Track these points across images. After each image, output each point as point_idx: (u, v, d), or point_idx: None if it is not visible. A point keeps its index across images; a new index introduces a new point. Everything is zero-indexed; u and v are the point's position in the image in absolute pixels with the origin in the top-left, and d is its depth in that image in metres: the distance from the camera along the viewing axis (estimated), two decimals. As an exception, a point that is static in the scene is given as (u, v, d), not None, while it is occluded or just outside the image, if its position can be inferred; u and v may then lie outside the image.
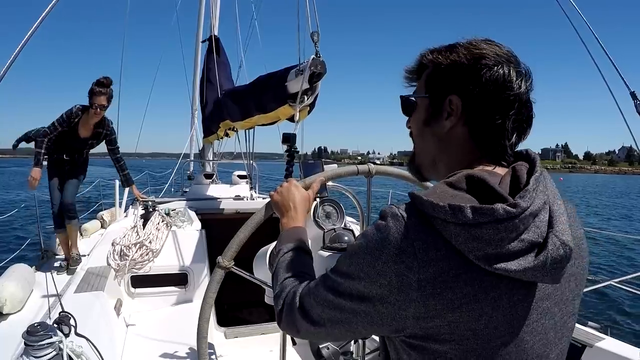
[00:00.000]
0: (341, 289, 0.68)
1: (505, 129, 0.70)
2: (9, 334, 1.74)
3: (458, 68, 0.71)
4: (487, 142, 0.72)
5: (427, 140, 0.78)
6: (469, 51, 0.71)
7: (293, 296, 0.78)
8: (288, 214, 1.05)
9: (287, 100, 2.85)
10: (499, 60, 0.69)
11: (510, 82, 0.69)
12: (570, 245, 0.61)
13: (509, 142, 0.71)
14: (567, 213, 0.69)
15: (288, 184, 1.11)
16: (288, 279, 0.86)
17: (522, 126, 0.72)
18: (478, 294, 0.60)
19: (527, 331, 0.64)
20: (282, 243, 0.97)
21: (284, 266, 0.90)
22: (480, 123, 0.71)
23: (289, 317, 0.78)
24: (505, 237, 0.59)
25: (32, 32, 1.50)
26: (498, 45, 0.72)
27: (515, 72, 0.70)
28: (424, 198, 0.62)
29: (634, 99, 2.15)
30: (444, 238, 0.61)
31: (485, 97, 0.69)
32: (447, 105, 0.72)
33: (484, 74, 0.69)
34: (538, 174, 0.66)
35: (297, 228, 1.02)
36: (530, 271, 0.59)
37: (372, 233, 0.65)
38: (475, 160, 0.73)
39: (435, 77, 0.75)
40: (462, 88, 0.71)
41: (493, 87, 0.69)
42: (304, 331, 0.77)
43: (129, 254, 2.78)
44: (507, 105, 0.69)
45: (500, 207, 0.59)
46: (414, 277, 0.61)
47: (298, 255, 0.93)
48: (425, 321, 0.62)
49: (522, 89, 0.70)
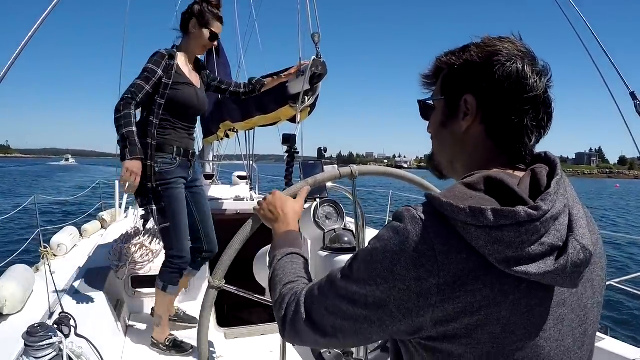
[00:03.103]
0: (356, 297, 0.66)
1: (523, 125, 0.69)
2: (9, 335, 1.74)
3: (471, 67, 0.71)
4: (505, 139, 0.71)
5: (445, 141, 0.78)
6: (481, 49, 0.70)
7: (297, 306, 0.76)
8: (278, 220, 1.04)
9: (287, 101, 2.85)
10: (512, 56, 0.68)
11: (525, 77, 0.68)
12: (590, 249, 0.60)
13: (528, 139, 0.70)
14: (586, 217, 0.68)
15: (272, 194, 1.10)
16: (287, 286, 0.83)
17: (540, 123, 0.71)
18: (497, 298, 0.60)
19: (543, 337, 0.63)
20: (275, 249, 0.95)
21: (281, 273, 0.88)
22: (496, 121, 0.70)
23: (293, 327, 0.76)
24: (526, 240, 0.57)
25: (33, 32, 1.50)
26: (512, 42, 0.70)
27: (530, 68, 0.68)
28: (444, 200, 0.61)
29: (633, 99, 2.15)
30: (465, 241, 0.59)
31: (499, 94, 0.68)
32: (463, 105, 0.72)
33: (496, 71, 0.68)
34: (559, 177, 0.65)
35: (290, 232, 1.00)
36: (550, 275, 0.58)
37: (390, 236, 0.63)
38: (493, 161, 0.72)
39: (449, 78, 0.75)
40: (475, 86, 0.70)
41: (507, 84, 0.68)
42: (312, 342, 0.74)
43: (129, 254, 2.78)
44: (523, 102, 0.68)
45: (522, 209, 0.58)
46: (434, 281, 0.60)
47: (294, 261, 0.91)
48: (443, 325, 0.61)
49: (538, 84, 0.68)
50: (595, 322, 0.71)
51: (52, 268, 2.62)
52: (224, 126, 4.33)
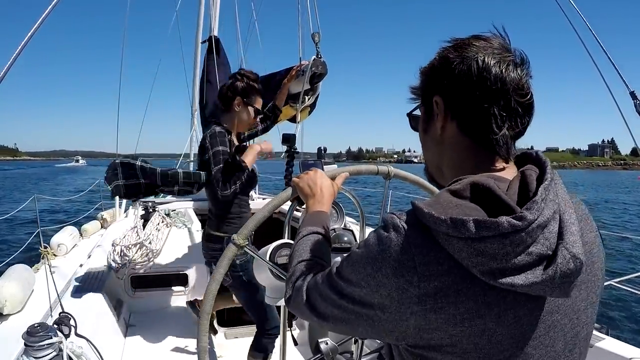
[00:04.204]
0: (344, 292, 0.68)
1: (490, 114, 0.67)
2: (9, 335, 1.74)
3: (434, 69, 0.74)
4: (477, 131, 0.70)
5: (429, 147, 0.79)
6: (442, 50, 0.73)
7: (301, 285, 0.80)
8: (315, 197, 1.05)
9: (288, 100, 2.85)
10: (474, 51, 0.68)
11: (486, 69, 0.67)
12: (581, 258, 0.57)
13: (498, 128, 0.68)
14: (579, 217, 0.66)
15: (314, 171, 1.11)
16: (300, 264, 0.87)
17: (513, 113, 0.68)
18: (481, 310, 0.59)
19: (532, 345, 0.62)
20: (304, 225, 0.98)
21: (301, 249, 0.91)
22: (463, 114, 0.70)
23: (296, 303, 0.81)
24: (510, 251, 0.56)
25: (33, 32, 1.50)
26: (482, 38, 0.70)
27: (496, 59, 0.67)
28: (425, 210, 0.59)
29: (633, 99, 2.15)
30: (447, 252, 0.58)
31: (460, 88, 0.69)
32: (435, 107, 0.74)
33: (455, 67, 0.69)
34: (548, 182, 0.62)
35: (322, 213, 1.02)
36: (537, 285, 0.56)
37: (374, 243, 0.64)
38: (473, 158, 0.71)
39: (423, 84, 0.78)
40: (440, 86, 0.72)
41: (466, 77, 0.68)
42: (309, 319, 0.79)
43: (129, 254, 2.78)
44: (486, 91, 0.67)
45: (505, 220, 0.56)
46: (414, 292, 0.60)
47: (317, 241, 0.93)
48: (427, 332, 0.61)
49: (504, 74, 0.67)
50: (589, 322, 0.70)
51: (52, 268, 2.62)
52: (224, 126, 4.34)
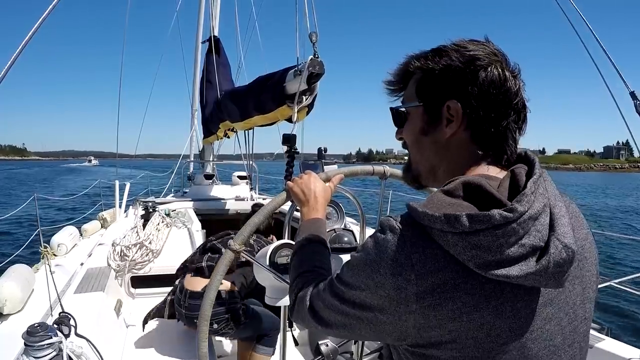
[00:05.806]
0: (345, 297, 0.69)
1: (508, 128, 0.69)
2: (9, 335, 1.74)
3: (453, 72, 0.69)
4: (491, 143, 0.71)
5: (425, 148, 0.76)
6: (461, 54, 0.69)
7: (304, 294, 0.80)
8: (309, 203, 1.05)
9: (285, 100, 2.85)
10: (491, 60, 0.68)
11: (505, 80, 0.68)
12: (572, 247, 0.59)
13: (513, 141, 0.71)
14: (570, 213, 0.68)
15: (308, 175, 1.10)
16: (302, 275, 0.87)
17: (520, 124, 0.72)
18: (479, 303, 0.60)
19: (530, 338, 0.63)
20: (301, 234, 0.97)
21: (301, 260, 0.91)
22: (483, 126, 0.69)
23: (299, 312, 0.81)
24: (504, 242, 0.57)
25: (33, 32, 1.50)
26: (485, 45, 0.70)
27: (507, 71, 0.69)
28: (419, 209, 0.61)
29: (633, 99, 2.15)
30: (442, 248, 0.60)
31: (484, 99, 0.68)
32: (446, 112, 0.70)
33: (480, 75, 0.68)
34: (537, 177, 0.64)
35: (318, 220, 1.02)
36: (532, 276, 0.58)
37: (371, 246, 0.66)
38: (476, 163, 0.72)
39: (428, 83, 0.72)
40: (460, 92, 0.69)
41: (491, 88, 0.68)
42: (312, 328, 0.79)
43: (129, 254, 2.79)
44: (506, 104, 0.69)
45: (497, 212, 0.57)
46: (412, 290, 0.61)
47: (315, 249, 0.93)
48: (427, 331, 0.62)
49: (516, 86, 0.69)
50: (587, 318, 0.71)
51: (52, 268, 2.62)
52: (224, 126, 4.34)
